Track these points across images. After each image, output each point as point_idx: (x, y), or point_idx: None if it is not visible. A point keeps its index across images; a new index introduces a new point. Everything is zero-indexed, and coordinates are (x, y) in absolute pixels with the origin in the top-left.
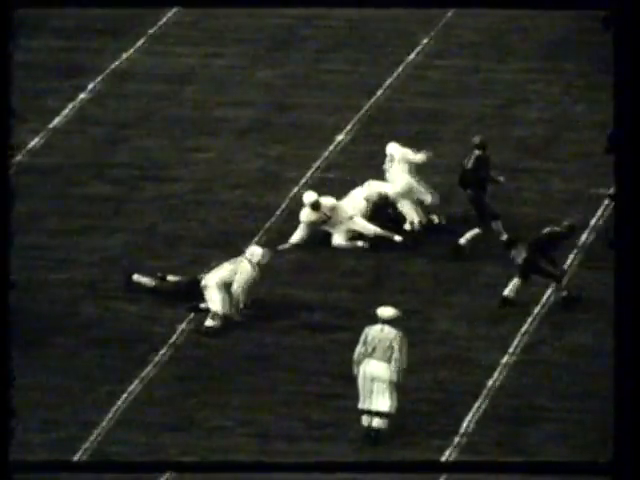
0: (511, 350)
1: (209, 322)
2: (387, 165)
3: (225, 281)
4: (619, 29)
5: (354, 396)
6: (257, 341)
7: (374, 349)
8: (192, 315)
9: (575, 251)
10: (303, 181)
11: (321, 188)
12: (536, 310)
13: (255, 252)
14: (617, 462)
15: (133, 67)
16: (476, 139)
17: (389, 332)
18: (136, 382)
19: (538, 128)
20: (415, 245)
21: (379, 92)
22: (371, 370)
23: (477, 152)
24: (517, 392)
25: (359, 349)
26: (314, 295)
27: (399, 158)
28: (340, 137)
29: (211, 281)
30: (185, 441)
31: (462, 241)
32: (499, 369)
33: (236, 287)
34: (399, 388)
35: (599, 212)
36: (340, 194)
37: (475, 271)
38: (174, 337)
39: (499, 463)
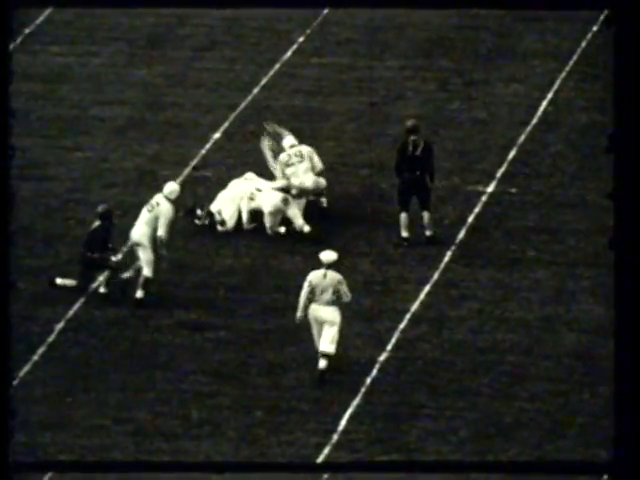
0: (389, 347)
1: (139, 294)
2: (293, 160)
3: (152, 227)
4: (619, 29)
5: (231, 394)
6: (133, 339)
7: (321, 294)
8: (70, 314)
9: (453, 247)
10: (179, 179)
11: (197, 186)
12: (413, 307)
13: (173, 188)
14: (616, 462)
15: None
16: (409, 123)
17: (333, 276)
18: (14, 382)
19: None
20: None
21: (255, 90)
22: (319, 314)
23: (417, 138)
24: (395, 389)
25: (304, 296)
26: (190, 293)
27: (307, 159)
28: (216, 135)
29: (137, 235)
30: (63, 440)
31: None
32: (377, 366)
33: (161, 232)
34: (279, 385)
35: (476, 209)
36: (216, 192)
37: (351, 268)
38: (52, 336)
39: (503, 462)
